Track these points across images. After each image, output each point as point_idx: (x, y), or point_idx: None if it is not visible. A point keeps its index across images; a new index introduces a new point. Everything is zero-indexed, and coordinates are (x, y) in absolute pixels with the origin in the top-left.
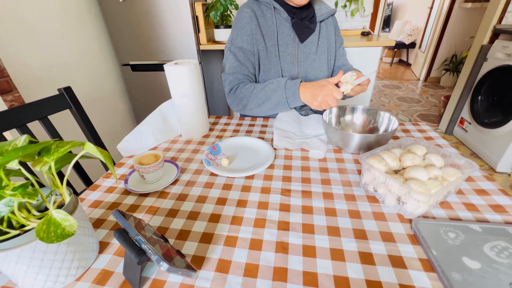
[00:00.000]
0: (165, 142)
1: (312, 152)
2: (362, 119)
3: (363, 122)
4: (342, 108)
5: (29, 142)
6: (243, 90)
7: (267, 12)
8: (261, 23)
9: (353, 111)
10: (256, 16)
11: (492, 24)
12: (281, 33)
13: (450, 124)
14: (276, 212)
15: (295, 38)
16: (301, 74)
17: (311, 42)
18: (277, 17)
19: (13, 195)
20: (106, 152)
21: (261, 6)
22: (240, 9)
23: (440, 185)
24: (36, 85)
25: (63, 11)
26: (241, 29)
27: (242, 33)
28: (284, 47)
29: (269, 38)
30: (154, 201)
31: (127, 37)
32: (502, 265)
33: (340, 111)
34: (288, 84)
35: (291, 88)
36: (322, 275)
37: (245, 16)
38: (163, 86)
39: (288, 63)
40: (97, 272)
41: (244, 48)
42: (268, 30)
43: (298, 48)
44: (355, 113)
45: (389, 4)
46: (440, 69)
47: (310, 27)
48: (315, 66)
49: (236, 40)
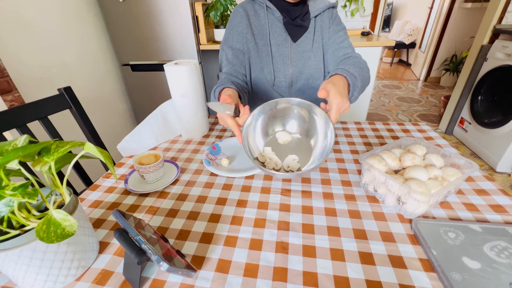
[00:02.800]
0: (165, 142)
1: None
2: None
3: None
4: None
5: (29, 142)
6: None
7: (260, 11)
8: (253, 23)
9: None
10: (248, 16)
11: (492, 24)
12: (273, 33)
13: (450, 124)
14: (276, 212)
15: (288, 38)
16: (295, 74)
17: (305, 40)
18: (269, 17)
19: (13, 195)
20: (106, 152)
21: (255, 5)
22: (234, 9)
23: (440, 185)
24: (36, 85)
25: (63, 11)
26: (232, 29)
27: (233, 33)
28: (276, 47)
29: (261, 38)
30: (154, 201)
31: (127, 37)
32: (502, 265)
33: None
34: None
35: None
36: (322, 275)
37: (236, 15)
38: (163, 86)
39: (280, 63)
40: (97, 272)
41: (235, 48)
42: (260, 30)
43: (292, 48)
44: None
45: (389, 4)
46: (440, 69)
47: (302, 25)
48: (310, 64)
49: (227, 39)
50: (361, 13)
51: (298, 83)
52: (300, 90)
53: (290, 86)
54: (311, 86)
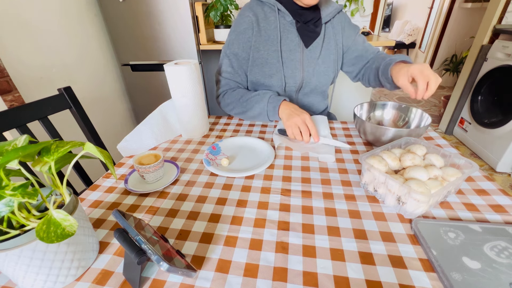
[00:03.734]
0: (165, 142)
1: (322, 157)
2: (392, 115)
3: (394, 117)
4: (372, 104)
5: (29, 142)
6: (231, 96)
7: (271, 14)
8: (263, 28)
9: (383, 107)
10: (258, 21)
11: (492, 24)
12: (285, 38)
13: (450, 124)
14: (276, 212)
15: (300, 43)
16: (305, 79)
17: (316, 46)
18: (281, 21)
19: (13, 195)
20: (106, 152)
21: (264, 7)
22: (242, 11)
23: (440, 185)
24: (36, 85)
25: (63, 11)
26: (238, 35)
27: (239, 39)
28: (288, 53)
29: (272, 43)
30: (154, 201)
31: (127, 37)
32: (502, 265)
33: (370, 106)
34: (271, 99)
35: (273, 103)
36: (322, 275)
37: (245, 21)
38: (163, 86)
39: (292, 69)
40: (97, 272)
41: (239, 55)
42: (270, 35)
43: (304, 54)
44: (386, 109)
45: (389, 4)
46: (440, 69)
47: (315, 31)
48: (319, 71)
49: (232, 45)
50: (361, 13)
51: (306, 88)
52: (306, 94)
53: (297, 91)
54: (317, 91)
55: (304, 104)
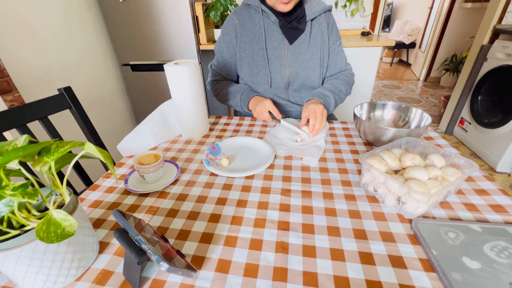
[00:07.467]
0: (165, 142)
1: (305, 159)
2: (392, 115)
3: (394, 117)
4: (372, 104)
5: (29, 142)
6: (218, 86)
7: (256, 15)
8: (248, 28)
9: (383, 107)
10: (242, 23)
11: (492, 24)
12: (269, 36)
13: (450, 124)
14: (276, 212)
15: (284, 40)
16: (292, 75)
17: (301, 42)
18: (265, 21)
19: (13, 195)
20: (106, 152)
21: (250, 10)
22: (229, 15)
23: (440, 185)
24: (36, 85)
25: (63, 11)
26: (224, 35)
27: (224, 39)
28: (273, 50)
29: (257, 42)
30: (154, 201)
31: (127, 37)
32: (502, 265)
33: (370, 106)
34: (243, 95)
35: (244, 99)
36: (322, 275)
37: (229, 23)
38: (163, 86)
39: (277, 65)
40: (97, 272)
41: (224, 53)
42: (255, 34)
43: (288, 50)
44: (386, 109)
45: (389, 4)
46: (440, 69)
47: (298, 27)
48: (307, 66)
49: (219, 43)
50: (361, 13)
51: (294, 84)
52: (296, 90)
53: (287, 87)
54: (307, 86)
55: (296, 100)
